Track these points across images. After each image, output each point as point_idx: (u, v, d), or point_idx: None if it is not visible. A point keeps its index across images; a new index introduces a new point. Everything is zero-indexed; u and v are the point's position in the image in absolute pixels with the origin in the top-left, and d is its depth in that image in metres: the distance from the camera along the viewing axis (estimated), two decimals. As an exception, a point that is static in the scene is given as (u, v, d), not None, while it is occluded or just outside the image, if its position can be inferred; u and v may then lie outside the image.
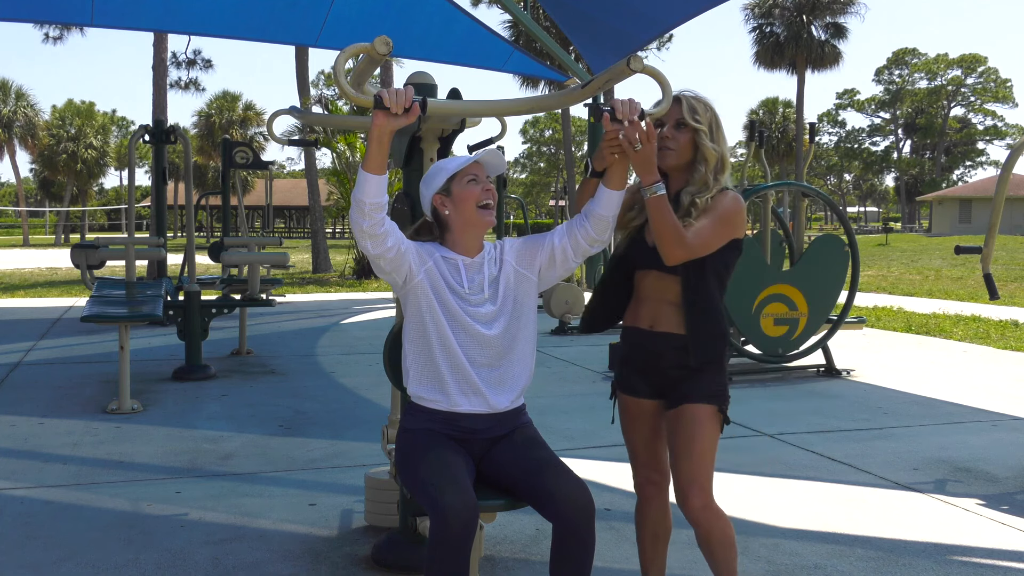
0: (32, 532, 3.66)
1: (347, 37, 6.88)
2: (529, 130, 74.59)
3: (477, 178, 2.55)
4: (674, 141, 2.53)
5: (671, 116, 2.53)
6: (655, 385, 2.60)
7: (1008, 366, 8.03)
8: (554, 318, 10.13)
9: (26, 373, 7.49)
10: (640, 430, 2.67)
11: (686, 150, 2.53)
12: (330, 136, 19.79)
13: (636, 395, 2.65)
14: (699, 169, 2.51)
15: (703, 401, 2.50)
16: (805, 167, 9.06)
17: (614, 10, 6.41)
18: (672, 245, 2.40)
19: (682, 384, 2.53)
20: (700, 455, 2.48)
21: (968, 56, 67.34)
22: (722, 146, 2.55)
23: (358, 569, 3.29)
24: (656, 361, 2.57)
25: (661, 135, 2.54)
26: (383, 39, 2.26)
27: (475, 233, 2.57)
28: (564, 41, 14.87)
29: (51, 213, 57.39)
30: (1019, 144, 4.85)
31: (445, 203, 2.56)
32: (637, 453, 2.71)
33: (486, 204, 2.55)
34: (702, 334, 2.50)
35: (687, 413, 2.51)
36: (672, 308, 2.53)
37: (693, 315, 2.50)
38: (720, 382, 2.54)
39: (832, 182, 79.04)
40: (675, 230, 2.39)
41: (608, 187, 2.48)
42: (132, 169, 9.70)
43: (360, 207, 2.35)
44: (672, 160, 2.54)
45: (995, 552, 3.52)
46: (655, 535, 2.73)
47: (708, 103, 2.57)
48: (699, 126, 2.51)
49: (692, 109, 2.52)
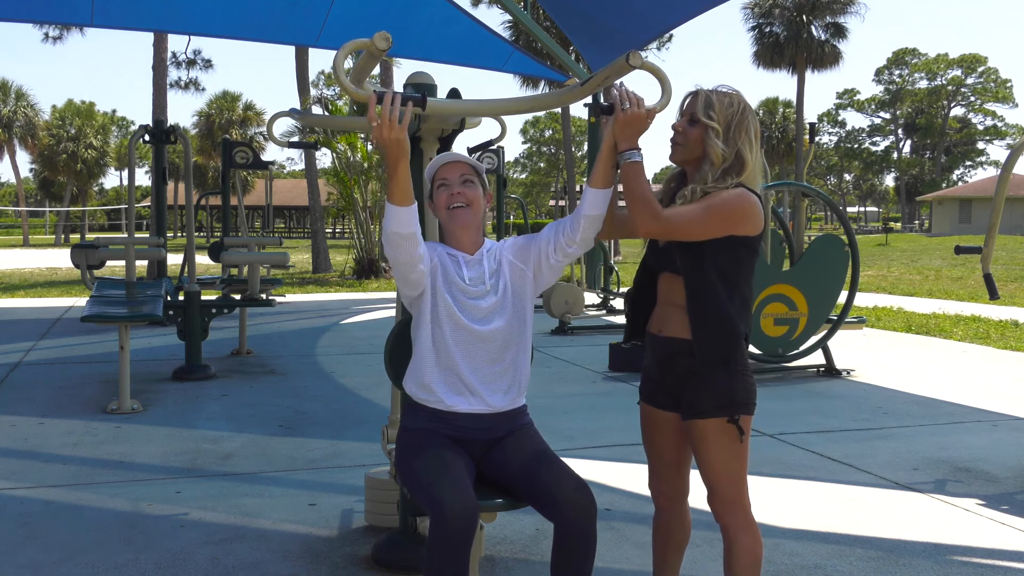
0: (32, 532, 3.65)
1: (347, 37, 6.84)
2: (529, 130, 74.61)
3: (446, 182, 2.56)
4: (683, 136, 2.42)
5: (687, 109, 2.42)
6: (672, 394, 2.47)
7: (1008, 366, 8.02)
8: (554, 318, 10.13)
9: (26, 373, 7.48)
10: (656, 441, 2.56)
11: (695, 146, 2.40)
12: (330, 136, 19.79)
13: (655, 405, 2.53)
14: (703, 167, 2.38)
15: (711, 415, 2.36)
16: (805, 167, 9.06)
17: (614, 10, 6.40)
18: (642, 215, 2.31)
19: (692, 393, 2.40)
20: (715, 467, 2.39)
21: (968, 56, 67.36)
22: (741, 146, 2.39)
23: (358, 569, 3.28)
24: (667, 367, 2.46)
25: (673, 126, 2.45)
26: (382, 34, 2.25)
27: (462, 232, 2.58)
28: (564, 41, 14.86)
29: (51, 213, 57.39)
30: (1019, 144, 4.85)
31: (431, 207, 2.63)
32: (653, 466, 2.61)
33: (456, 206, 2.55)
34: (706, 336, 2.35)
35: (696, 429, 2.40)
36: (678, 311, 2.41)
37: (696, 316, 2.36)
38: (730, 389, 2.37)
39: (832, 182, 79.06)
40: (645, 200, 2.30)
41: (593, 187, 2.47)
42: (132, 169, 9.70)
43: (387, 239, 2.38)
44: (679, 155, 2.44)
45: (995, 552, 3.52)
46: (669, 541, 2.64)
47: (734, 99, 2.42)
48: (710, 123, 2.36)
49: (708, 104, 2.38)
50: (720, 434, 2.37)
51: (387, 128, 2.29)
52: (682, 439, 2.51)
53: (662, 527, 2.64)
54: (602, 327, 10.60)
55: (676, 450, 2.54)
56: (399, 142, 2.31)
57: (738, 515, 2.43)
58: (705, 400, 2.37)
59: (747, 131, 2.41)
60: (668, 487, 2.59)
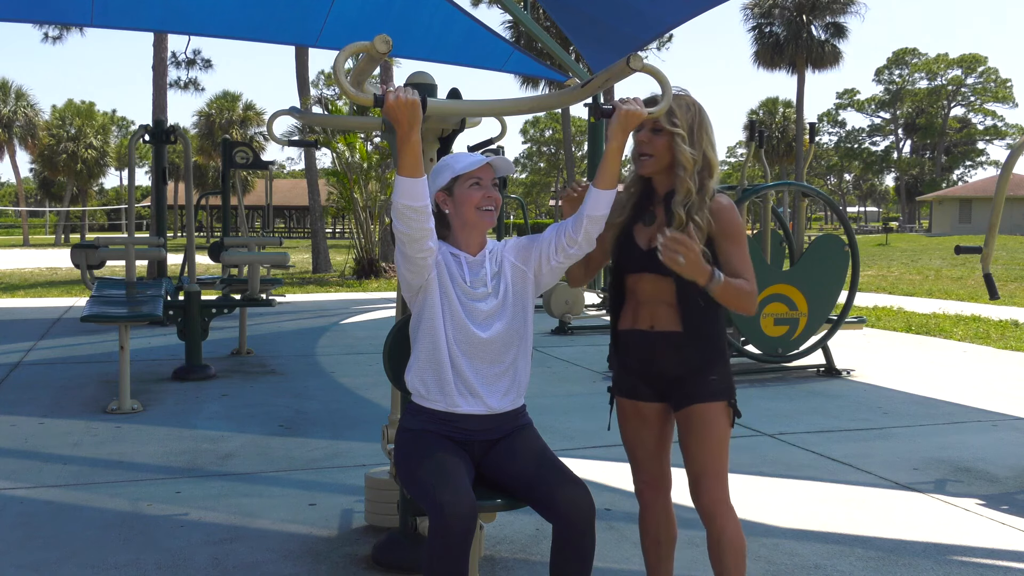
0: (32, 532, 3.65)
1: (347, 37, 6.88)
2: (529, 130, 74.63)
3: (480, 182, 2.53)
4: (651, 146, 2.47)
5: (649, 119, 2.43)
6: (658, 388, 2.55)
7: (1008, 366, 8.03)
8: (554, 318, 10.13)
9: (26, 373, 7.49)
10: (640, 434, 2.62)
11: (664, 155, 2.47)
12: (330, 136, 19.79)
13: (637, 399, 2.59)
14: (679, 174, 2.44)
15: (711, 399, 2.46)
16: (805, 167, 9.05)
17: (614, 10, 6.41)
18: (751, 304, 2.46)
19: (687, 384, 2.49)
20: (711, 451, 2.46)
21: (968, 56, 67.33)
22: (705, 148, 2.47)
23: (358, 569, 3.29)
24: (659, 362, 2.51)
25: (637, 139, 2.50)
26: (383, 37, 2.25)
27: (475, 232, 2.57)
28: (564, 41, 14.87)
29: (51, 213, 57.41)
30: (1019, 144, 4.85)
31: (447, 202, 2.56)
32: (637, 458, 2.65)
33: (487, 208, 2.55)
34: (704, 328, 2.47)
35: (696, 413, 2.47)
36: (670, 308, 2.48)
37: (691, 313, 2.45)
38: (725, 375, 2.50)
39: (832, 182, 79.05)
40: (750, 296, 2.44)
41: (598, 187, 2.47)
42: (132, 169, 9.70)
43: (396, 212, 2.35)
44: (650, 168, 2.50)
45: (995, 552, 3.52)
46: (658, 541, 2.67)
47: (692, 103, 2.48)
48: (676, 130, 2.43)
49: (670, 112, 2.44)
50: (719, 416, 2.48)
51: (402, 91, 2.28)
52: (664, 428, 2.62)
53: (650, 528, 2.67)
54: (602, 327, 10.60)
55: (658, 439, 2.63)
56: (413, 105, 2.28)
57: (725, 504, 2.48)
58: (704, 388, 2.47)
59: (707, 131, 2.50)
60: (651, 476, 2.65)
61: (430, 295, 2.51)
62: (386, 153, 19.65)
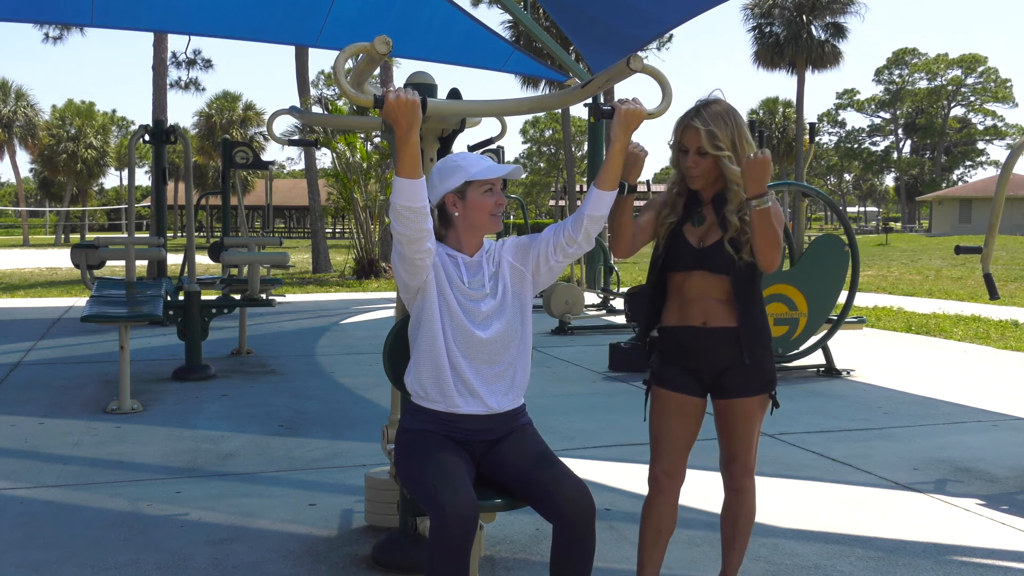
0: (32, 532, 3.65)
1: (347, 37, 6.89)
2: (529, 130, 74.59)
3: (493, 188, 2.55)
4: (698, 168, 2.59)
5: (691, 143, 2.56)
6: (704, 381, 2.67)
7: (1008, 366, 8.03)
8: (554, 318, 10.13)
9: (26, 373, 7.49)
10: (675, 428, 2.68)
11: (711, 171, 2.60)
12: (330, 136, 19.79)
13: (680, 391, 2.67)
14: (732, 188, 2.58)
15: (757, 392, 2.65)
16: (805, 167, 9.07)
17: (614, 10, 6.41)
18: (777, 256, 2.54)
19: (735, 376, 2.63)
20: (750, 435, 2.69)
21: (968, 56, 67.34)
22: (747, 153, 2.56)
23: (358, 569, 3.28)
24: (711, 356, 2.63)
25: (685, 165, 2.60)
26: (383, 38, 2.26)
27: (479, 234, 2.58)
28: (564, 41, 14.87)
29: (51, 213, 57.41)
30: (1019, 144, 4.85)
31: (456, 204, 2.55)
32: (662, 448, 2.70)
33: (497, 213, 2.58)
34: (755, 324, 2.62)
35: (742, 405, 2.65)
36: (722, 305, 2.61)
37: (746, 309, 2.60)
38: (770, 368, 2.67)
39: (832, 182, 79.04)
40: (779, 238, 2.51)
41: (599, 188, 2.48)
42: (132, 169, 9.70)
43: (395, 213, 2.36)
44: (699, 184, 2.63)
45: (995, 552, 3.52)
46: (659, 531, 2.70)
47: (726, 111, 2.57)
48: (721, 153, 2.54)
49: (712, 136, 2.53)
50: (761, 408, 2.69)
51: (402, 92, 2.29)
52: (697, 423, 2.71)
53: (654, 517, 2.71)
54: (602, 327, 10.60)
55: (690, 433, 2.71)
56: (413, 106, 2.29)
57: (751, 478, 2.74)
58: (751, 381, 2.65)
59: (746, 136, 2.59)
60: (672, 467, 2.70)
61: (428, 297, 2.51)
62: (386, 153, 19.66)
